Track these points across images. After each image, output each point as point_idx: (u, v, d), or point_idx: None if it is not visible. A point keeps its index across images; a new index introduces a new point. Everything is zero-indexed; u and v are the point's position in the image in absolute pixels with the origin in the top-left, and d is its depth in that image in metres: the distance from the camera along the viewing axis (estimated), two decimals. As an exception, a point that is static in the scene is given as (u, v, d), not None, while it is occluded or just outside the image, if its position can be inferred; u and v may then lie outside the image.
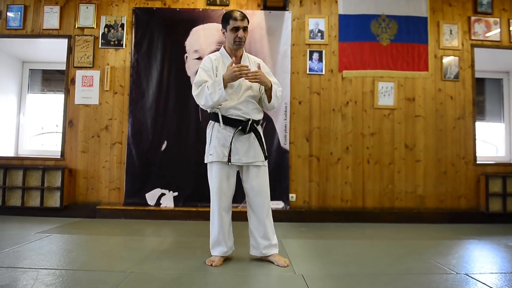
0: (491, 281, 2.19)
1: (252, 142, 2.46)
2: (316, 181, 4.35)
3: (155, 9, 4.42)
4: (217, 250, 2.48)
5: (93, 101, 4.37)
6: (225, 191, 2.45)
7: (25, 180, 4.20)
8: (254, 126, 2.46)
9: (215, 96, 2.31)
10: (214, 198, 2.47)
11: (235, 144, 2.41)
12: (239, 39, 2.43)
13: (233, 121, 2.42)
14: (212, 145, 2.45)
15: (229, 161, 2.39)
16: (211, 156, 2.45)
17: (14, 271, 2.22)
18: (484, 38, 4.54)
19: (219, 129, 2.44)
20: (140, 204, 4.22)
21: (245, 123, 2.42)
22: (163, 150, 4.31)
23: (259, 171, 2.49)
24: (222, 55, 2.54)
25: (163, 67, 4.35)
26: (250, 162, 2.45)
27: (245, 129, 2.41)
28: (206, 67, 2.49)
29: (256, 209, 2.50)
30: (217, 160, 2.42)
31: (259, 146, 2.48)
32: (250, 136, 2.46)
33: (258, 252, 2.51)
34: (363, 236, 3.52)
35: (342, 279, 2.23)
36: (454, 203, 4.40)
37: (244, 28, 2.44)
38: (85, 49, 4.39)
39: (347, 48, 4.45)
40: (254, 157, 2.45)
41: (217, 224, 2.46)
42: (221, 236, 2.46)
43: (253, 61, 2.60)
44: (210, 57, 2.54)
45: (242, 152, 2.43)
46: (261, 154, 2.48)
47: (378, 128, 4.42)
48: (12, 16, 4.39)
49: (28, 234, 3.22)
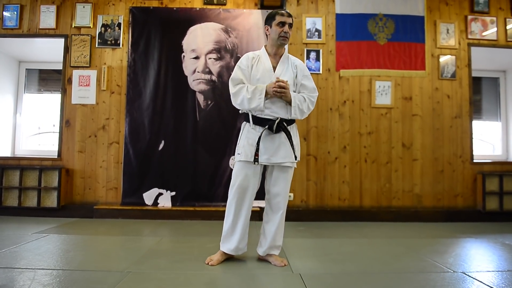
0: (488, 279, 2.20)
1: (283, 142, 2.42)
2: (313, 180, 4.35)
3: (152, 9, 4.41)
4: (225, 246, 2.47)
5: (90, 100, 4.36)
6: (251, 190, 2.43)
7: (22, 180, 4.18)
8: (283, 125, 2.40)
9: (253, 103, 2.34)
10: (232, 194, 2.45)
11: (264, 144, 2.39)
12: (284, 34, 2.41)
13: (263, 120, 2.40)
14: (241, 145, 2.45)
15: (256, 161, 2.36)
16: (239, 155, 2.44)
17: (11, 271, 2.21)
18: (480, 37, 4.56)
19: (249, 129, 2.44)
20: (137, 204, 4.21)
21: (273, 122, 2.38)
22: (161, 149, 4.30)
23: (286, 172, 2.47)
24: (262, 54, 2.52)
25: (160, 66, 4.34)
26: (280, 163, 2.42)
27: (272, 127, 2.37)
28: (243, 65, 2.48)
29: (275, 210, 2.49)
30: (245, 160, 2.40)
31: (290, 146, 2.43)
32: (281, 135, 2.41)
33: (262, 251, 2.52)
34: (360, 235, 3.53)
35: (339, 277, 2.23)
36: (451, 202, 4.42)
37: (290, 24, 2.44)
38: (82, 48, 4.37)
39: (344, 47, 4.46)
40: (283, 157, 2.41)
41: (231, 221, 2.45)
42: (230, 233, 2.45)
43: (293, 62, 2.55)
44: (248, 55, 2.53)
45: (271, 152, 2.40)
46: (292, 154, 2.43)
47: (375, 127, 4.42)
48: (8, 15, 4.37)
49: (25, 234, 3.21)
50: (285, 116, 2.42)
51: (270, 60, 2.50)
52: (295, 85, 2.51)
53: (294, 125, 2.53)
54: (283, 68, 2.49)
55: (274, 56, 2.51)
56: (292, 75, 2.49)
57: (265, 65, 2.47)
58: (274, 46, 2.50)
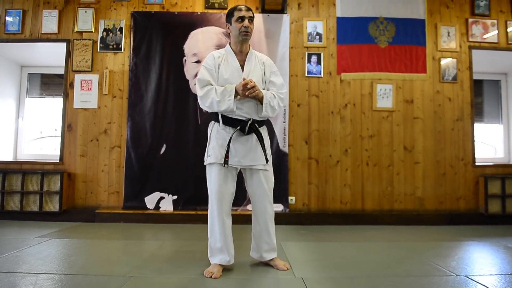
0: (491, 283, 2.19)
1: (255, 144, 2.35)
2: (315, 184, 4.35)
3: (153, 13, 4.43)
4: (218, 258, 2.34)
5: (92, 105, 4.37)
6: (224, 195, 2.34)
7: (24, 185, 4.19)
8: (255, 127, 2.35)
9: (223, 106, 2.26)
10: (213, 202, 2.35)
11: (234, 145, 2.32)
12: (245, 29, 2.33)
13: (233, 121, 2.32)
14: (211, 146, 2.37)
15: (226, 163, 2.30)
16: (209, 157, 2.35)
17: (13, 276, 2.21)
18: (481, 40, 4.56)
19: (218, 129, 2.36)
20: (139, 208, 4.22)
21: (245, 123, 2.31)
22: (162, 153, 4.31)
23: (261, 175, 2.39)
24: (227, 52, 2.45)
25: (161, 70, 4.36)
26: (250, 165, 2.35)
27: (244, 129, 2.31)
28: (209, 65, 2.40)
29: (258, 214, 2.44)
30: (215, 162, 2.32)
31: (261, 149, 2.37)
32: (252, 137, 2.35)
33: (258, 256, 2.48)
34: (362, 238, 3.52)
35: (341, 281, 2.23)
36: (453, 205, 4.40)
37: (250, 18, 2.36)
38: (84, 53, 4.39)
39: (345, 50, 4.47)
40: (254, 160, 2.35)
41: (218, 230, 2.33)
42: (222, 243, 2.33)
43: (259, 59, 2.48)
44: (213, 54, 2.44)
45: (242, 154, 2.33)
46: (263, 157, 2.37)
47: (377, 130, 4.42)
48: (11, 20, 4.40)
49: (27, 239, 3.22)
50: (256, 116, 2.35)
51: (236, 58, 2.42)
52: (263, 82, 2.45)
53: (264, 126, 2.47)
54: (251, 66, 2.42)
55: (240, 53, 2.43)
56: (261, 72, 2.44)
57: (233, 64, 2.40)
58: (238, 43, 2.41)
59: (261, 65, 2.46)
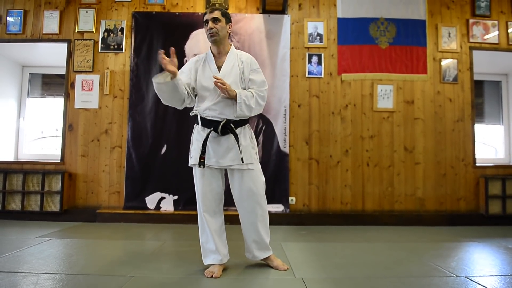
0: (491, 284, 2.19)
1: (232, 144, 2.35)
2: (315, 184, 4.35)
3: (154, 14, 4.44)
4: (210, 258, 2.37)
5: (93, 105, 4.38)
6: (208, 195, 2.36)
7: (25, 184, 4.20)
8: (230, 127, 2.34)
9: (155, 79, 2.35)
10: (199, 202, 2.39)
11: (212, 146, 2.34)
12: (209, 30, 2.36)
13: (209, 122, 2.35)
14: (192, 148, 2.42)
15: (202, 164, 2.31)
16: (191, 159, 2.42)
17: (14, 275, 2.22)
18: (482, 40, 4.56)
19: (198, 130, 2.40)
20: (140, 208, 4.22)
21: (218, 124, 2.32)
22: (163, 153, 4.31)
23: (243, 175, 2.37)
24: (207, 56, 2.48)
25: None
26: (228, 166, 2.36)
27: (216, 129, 2.32)
28: (184, 68, 2.49)
29: (243, 214, 2.44)
30: (195, 163, 2.36)
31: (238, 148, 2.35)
32: (230, 138, 2.35)
33: (251, 256, 2.49)
34: (363, 239, 3.52)
35: (342, 282, 2.23)
36: (454, 206, 4.40)
37: (214, 19, 2.36)
38: (85, 53, 4.40)
39: (346, 51, 4.47)
40: (232, 159, 2.34)
41: (207, 230, 2.36)
42: (211, 243, 2.35)
43: (239, 57, 2.46)
44: (193, 59, 2.52)
45: (220, 155, 2.34)
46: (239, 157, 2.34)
47: (377, 130, 4.43)
48: (12, 20, 4.41)
49: (28, 239, 3.23)
50: (232, 116, 2.34)
51: (215, 61, 2.43)
52: (242, 81, 2.43)
53: (245, 126, 2.44)
54: (229, 66, 2.41)
55: (219, 55, 2.45)
56: (239, 71, 2.42)
57: (210, 67, 2.42)
58: (213, 46, 2.45)
59: (239, 64, 2.44)
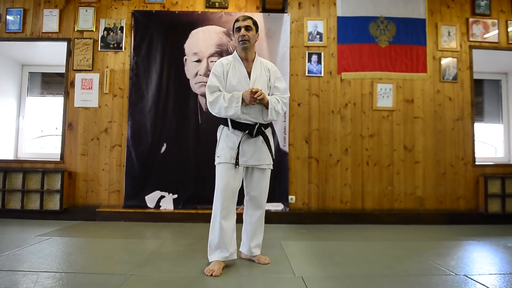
0: (490, 282, 2.20)
1: (260, 145, 2.51)
2: (315, 183, 4.36)
3: (154, 12, 4.44)
4: (216, 254, 2.41)
5: (92, 104, 4.38)
6: (229, 192, 2.44)
7: (24, 183, 4.20)
8: (261, 130, 2.49)
9: (230, 111, 2.40)
10: (217, 199, 2.44)
11: (243, 147, 2.46)
12: (241, 37, 2.49)
13: (241, 125, 2.46)
14: (220, 148, 2.50)
15: (237, 164, 2.43)
16: (218, 158, 2.49)
17: (14, 274, 2.22)
18: (482, 39, 4.56)
19: (228, 132, 2.50)
20: (139, 207, 4.22)
21: (252, 127, 2.46)
22: (163, 152, 4.31)
23: (263, 174, 2.54)
24: (234, 59, 2.57)
25: (162, 69, 4.36)
26: (256, 164, 2.50)
27: (252, 132, 2.45)
28: (218, 72, 2.52)
29: (255, 209, 2.58)
30: (225, 162, 2.44)
31: (266, 149, 2.52)
32: (258, 139, 2.50)
33: (247, 250, 2.59)
34: (362, 237, 3.53)
35: (341, 280, 2.24)
36: (453, 204, 4.41)
37: (246, 27, 2.50)
38: (85, 52, 4.40)
39: (345, 50, 4.47)
40: (260, 159, 2.50)
41: (219, 226, 2.40)
42: (222, 240, 2.39)
43: (265, 65, 2.61)
44: (222, 61, 2.57)
45: (249, 155, 2.47)
46: (268, 157, 2.53)
47: (377, 129, 4.43)
48: (12, 19, 4.40)
49: (28, 237, 3.23)
50: (261, 120, 2.50)
51: (243, 65, 2.54)
52: (269, 88, 2.59)
53: (269, 128, 2.62)
54: (257, 73, 2.54)
55: (247, 60, 2.56)
56: (266, 78, 2.57)
57: (240, 71, 2.52)
58: (242, 52, 2.55)
59: (266, 71, 2.59)
